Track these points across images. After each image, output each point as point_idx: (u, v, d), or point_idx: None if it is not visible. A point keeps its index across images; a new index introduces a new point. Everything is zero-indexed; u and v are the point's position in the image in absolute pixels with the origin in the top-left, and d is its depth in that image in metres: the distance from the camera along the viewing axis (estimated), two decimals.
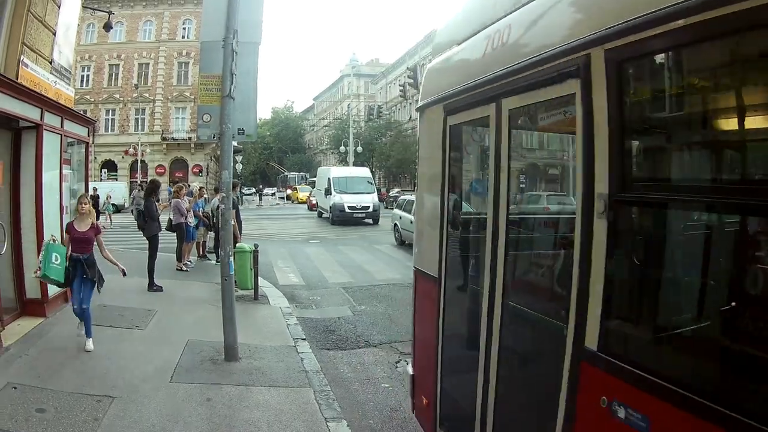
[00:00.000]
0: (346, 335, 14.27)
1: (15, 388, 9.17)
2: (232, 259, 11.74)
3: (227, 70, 11.16)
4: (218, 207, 21.32)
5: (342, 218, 49.10)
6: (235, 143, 12.48)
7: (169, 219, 22.03)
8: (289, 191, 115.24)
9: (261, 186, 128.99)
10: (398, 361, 12.22)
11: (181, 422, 8.53)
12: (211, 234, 24.21)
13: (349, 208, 49.52)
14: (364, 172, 58.99)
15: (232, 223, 15.34)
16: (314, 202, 68.18)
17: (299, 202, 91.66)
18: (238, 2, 11.22)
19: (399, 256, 27.56)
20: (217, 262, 22.34)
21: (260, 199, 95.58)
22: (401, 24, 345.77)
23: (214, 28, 11.38)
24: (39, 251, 13.18)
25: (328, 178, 53.88)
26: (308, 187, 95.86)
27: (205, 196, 26.20)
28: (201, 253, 24.86)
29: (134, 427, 8.31)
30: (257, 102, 12.11)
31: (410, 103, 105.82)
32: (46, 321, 13.19)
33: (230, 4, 11.20)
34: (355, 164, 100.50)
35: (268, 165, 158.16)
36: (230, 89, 11.13)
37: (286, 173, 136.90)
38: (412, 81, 53.74)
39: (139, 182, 39.23)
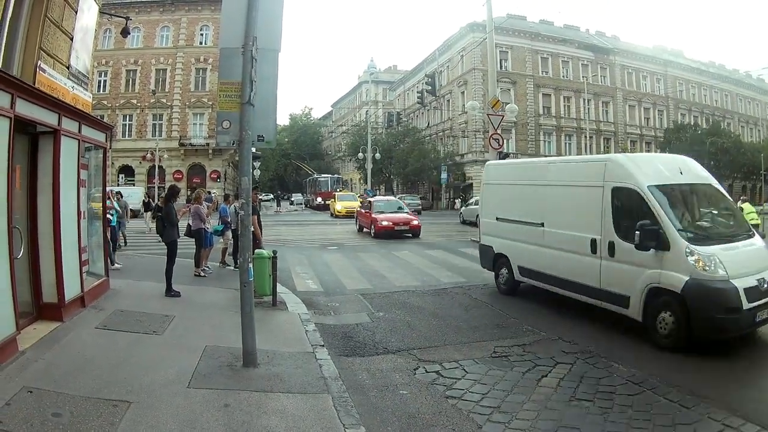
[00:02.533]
0: (364, 342, 14.14)
1: (30, 392, 9.11)
2: (251, 265, 11.66)
3: (247, 76, 11.07)
4: (237, 213, 21.46)
5: (732, 327, 12.82)
6: (253, 150, 12.44)
7: (188, 224, 22.07)
8: (319, 199, 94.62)
9: (280, 191, 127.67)
10: (417, 368, 12.06)
11: (198, 428, 8.45)
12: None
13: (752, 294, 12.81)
14: (701, 172, 16.43)
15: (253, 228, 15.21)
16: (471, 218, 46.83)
17: (336, 215, 68.58)
18: (257, 9, 11.15)
19: (418, 263, 27.22)
20: (235, 268, 22.37)
21: (278, 205, 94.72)
22: (419, 31, 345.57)
23: (233, 34, 11.30)
24: (56, 256, 13.24)
25: (638, 192, 14.48)
26: (351, 195, 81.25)
27: (236, 204, 25.93)
28: (222, 259, 24.77)
29: None
30: (277, 109, 12.08)
31: (428, 110, 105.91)
32: (62, 325, 13.13)
33: (249, 11, 11.12)
34: (373, 172, 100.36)
35: (286, 170, 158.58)
36: (250, 96, 11.05)
37: (315, 176, 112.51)
38: (430, 88, 53.43)
39: (115, 192, 36.11)
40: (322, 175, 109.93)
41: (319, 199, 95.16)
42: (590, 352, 12.94)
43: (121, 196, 33.93)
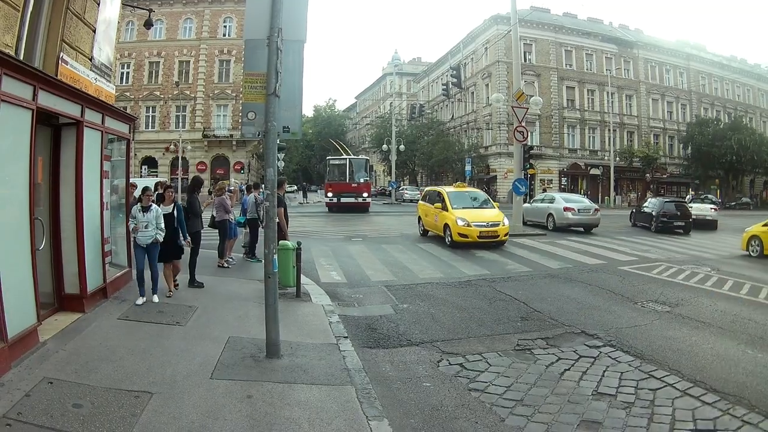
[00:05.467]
0: (388, 334, 14.10)
1: (51, 383, 9.12)
2: (276, 256, 11.63)
3: (272, 67, 11.06)
4: (259, 203, 21.48)
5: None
6: (278, 141, 12.42)
7: (212, 216, 22.14)
8: (330, 194, 61.33)
9: (306, 183, 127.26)
10: (440, 360, 12.03)
11: (221, 419, 8.45)
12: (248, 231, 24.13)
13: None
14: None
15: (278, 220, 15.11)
16: None
17: (456, 241, 29.97)
18: (282, 0, 11.15)
19: (442, 255, 27.25)
20: (247, 258, 23.14)
21: (305, 196, 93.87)
22: (443, 23, 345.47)
23: (258, 26, 11.30)
24: (78, 247, 13.26)
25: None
26: (476, 193, 37.17)
27: (255, 194, 25.70)
28: (246, 250, 24.73)
29: (173, 423, 8.22)
30: (302, 100, 12.04)
31: (452, 102, 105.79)
32: (84, 316, 13.18)
33: (274, 3, 11.12)
34: (397, 164, 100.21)
35: (310, 161, 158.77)
36: (275, 87, 11.04)
37: (364, 163, 65.79)
38: (455, 80, 53.31)
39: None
40: (338, 158, 69.44)
41: (330, 195, 61.30)
42: (613, 345, 12.92)
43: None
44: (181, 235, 16.61)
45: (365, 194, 61.09)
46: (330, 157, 71.00)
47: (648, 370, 11.26)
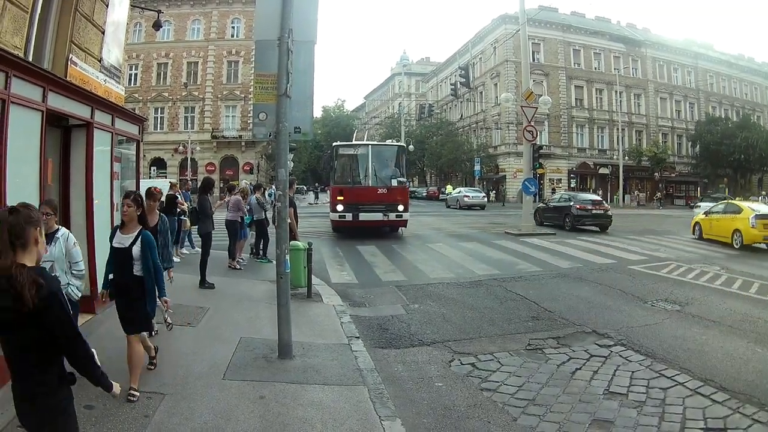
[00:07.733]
0: (399, 334, 14.07)
1: None
2: (287, 257, 11.62)
3: (283, 68, 11.06)
4: (270, 204, 21.53)
5: None
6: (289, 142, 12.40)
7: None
8: (340, 207, 33.27)
9: (317, 184, 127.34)
10: (452, 360, 12.01)
11: (233, 420, 8.45)
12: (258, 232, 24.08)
13: None
14: None
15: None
16: None
17: None
18: (292, 1, 11.14)
19: (453, 256, 27.15)
20: (256, 259, 23.33)
21: (316, 197, 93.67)
22: (452, 22, 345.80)
23: (269, 27, 11.29)
24: (89, 248, 13.25)
25: None
26: None
27: (257, 195, 25.67)
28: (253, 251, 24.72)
29: (186, 424, 8.23)
30: (314, 100, 12.05)
31: (461, 102, 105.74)
32: (95, 317, 13.21)
33: (285, 4, 11.11)
34: (406, 164, 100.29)
35: (319, 162, 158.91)
36: (287, 87, 11.04)
37: (396, 152, 37.72)
38: (463, 80, 53.26)
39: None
40: (352, 144, 40.19)
41: (340, 208, 33.66)
42: (624, 344, 12.90)
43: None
44: (157, 290, 9.83)
45: (400, 207, 34.21)
46: (339, 143, 39.18)
47: (659, 369, 11.24)
